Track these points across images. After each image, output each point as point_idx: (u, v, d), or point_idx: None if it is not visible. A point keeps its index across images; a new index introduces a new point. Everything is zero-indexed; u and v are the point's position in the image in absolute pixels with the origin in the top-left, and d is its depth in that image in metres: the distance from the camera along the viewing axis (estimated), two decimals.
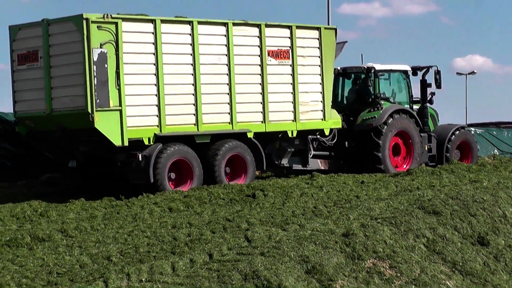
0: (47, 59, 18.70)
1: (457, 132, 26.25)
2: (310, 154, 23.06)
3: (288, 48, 21.72)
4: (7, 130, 21.43)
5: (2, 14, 68.09)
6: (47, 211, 16.52)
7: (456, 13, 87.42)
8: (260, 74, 21.08)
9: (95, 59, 17.86)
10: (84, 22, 17.86)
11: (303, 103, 22.03)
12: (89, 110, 17.80)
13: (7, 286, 10.86)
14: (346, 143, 24.02)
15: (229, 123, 20.41)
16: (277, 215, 15.24)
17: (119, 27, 18.28)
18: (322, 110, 22.53)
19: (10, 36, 19.54)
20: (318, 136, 23.03)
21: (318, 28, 22.57)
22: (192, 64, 19.69)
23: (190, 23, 19.73)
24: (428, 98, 25.82)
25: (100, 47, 17.97)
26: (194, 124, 19.74)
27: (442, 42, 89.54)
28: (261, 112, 21.10)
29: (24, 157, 21.67)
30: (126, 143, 18.37)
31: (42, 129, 19.30)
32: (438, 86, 25.69)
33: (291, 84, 21.78)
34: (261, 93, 21.08)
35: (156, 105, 19.04)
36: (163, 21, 19.24)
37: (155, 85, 19.02)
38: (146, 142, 18.86)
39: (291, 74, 21.78)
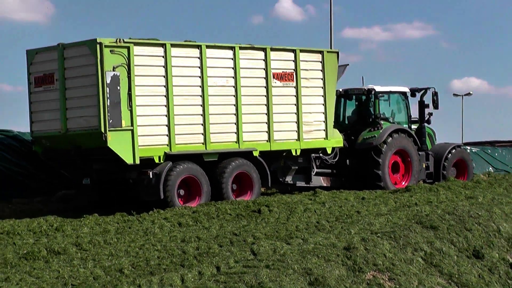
0: (63, 81, 18.78)
1: (454, 150, 26.25)
2: (313, 172, 23.07)
3: (292, 70, 21.78)
4: (24, 150, 21.47)
5: (20, 38, 68.35)
6: (62, 225, 16.53)
7: (454, 38, 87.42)
8: (265, 96, 21.13)
9: (108, 81, 17.93)
10: (98, 46, 17.95)
11: (307, 123, 22.07)
12: (102, 130, 17.89)
13: None
14: (348, 161, 24.02)
15: (236, 142, 20.44)
16: (282, 230, 15.25)
17: (131, 51, 18.36)
18: (324, 130, 22.55)
19: (27, 59, 19.62)
20: (321, 155, 23.04)
21: (321, 52, 22.63)
22: (200, 86, 19.75)
23: (198, 47, 19.80)
24: (426, 118, 25.85)
25: (113, 70, 18.04)
26: (203, 143, 19.77)
27: (440, 65, 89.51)
28: (267, 132, 21.14)
29: (41, 175, 21.71)
30: (137, 162, 18.41)
31: (58, 148, 19.37)
32: (436, 106, 25.71)
33: (295, 105, 21.82)
34: (266, 114, 21.12)
35: (166, 125, 19.09)
36: (173, 45, 19.31)
37: (165, 106, 19.07)
38: (156, 160, 18.89)
39: (295, 96, 21.82)
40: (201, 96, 19.73)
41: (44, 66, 19.26)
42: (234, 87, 20.41)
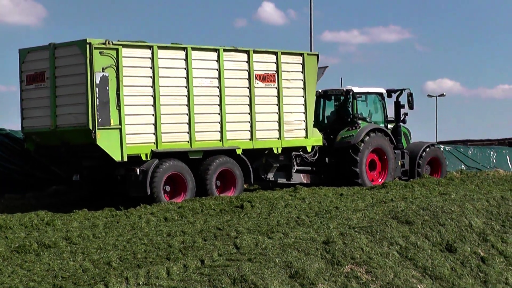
0: (53, 80, 18.68)
1: (428, 149, 26.31)
2: (294, 169, 23.06)
3: (274, 72, 21.76)
4: (17, 147, 21.36)
5: (13, 40, 68.04)
6: (53, 220, 16.46)
7: (428, 41, 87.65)
8: (248, 96, 21.10)
9: (98, 81, 17.86)
10: (87, 46, 17.88)
11: (288, 122, 22.06)
12: (90, 127, 17.81)
13: None
14: (327, 159, 24.02)
15: (220, 140, 20.41)
16: (263, 225, 15.24)
17: (119, 53, 18.30)
18: (305, 129, 22.55)
19: (19, 58, 19.50)
20: (301, 153, 23.03)
21: (301, 54, 22.62)
22: (186, 87, 19.70)
23: (184, 49, 19.75)
24: (402, 118, 25.90)
25: (102, 71, 17.97)
26: (188, 141, 19.73)
27: (414, 67, 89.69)
28: (249, 131, 21.11)
29: (32, 172, 21.60)
30: (125, 159, 18.35)
31: (47, 144, 19.27)
32: (411, 107, 25.76)
33: (277, 105, 21.80)
34: (249, 113, 21.09)
35: (153, 124, 19.03)
36: (160, 47, 19.26)
37: (152, 105, 19.01)
38: (143, 158, 18.84)
39: (276, 96, 21.80)
40: (186, 96, 19.68)
41: (36, 64, 19.15)
42: (218, 87, 20.38)
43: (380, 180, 24.29)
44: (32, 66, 19.28)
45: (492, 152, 35.81)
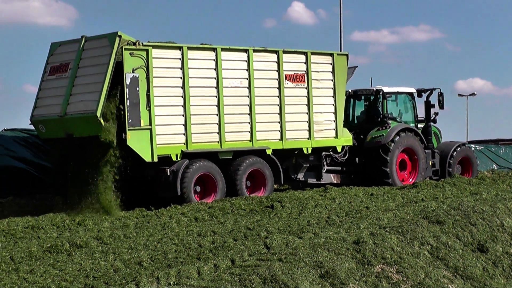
0: (75, 70, 18.59)
1: (459, 148, 26.16)
2: (324, 169, 23.03)
3: (304, 72, 21.74)
4: (47, 148, 21.48)
5: (44, 41, 68.66)
6: (84, 220, 16.56)
7: (459, 40, 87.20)
8: (278, 96, 21.11)
9: (128, 82, 17.94)
10: (117, 38, 17.92)
11: (317, 122, 22.03)
12: (98, 114, 17.46)
13: None
14: (357, 159, 23.98)
15: (250, 140, 20.43)
16: (294, 224, 15.23)
17: (149, 54, 18.37)
18: (334, 129, 22.52)
19: (49, 51, 19.49)
20: (331, 153, 23.01)
21: (331, 54, 22.59)
22: (216, 87, 19.75)
23: (214, 49, 19.79)
24: (432, 118, 25.76)
25: (132, 72, 18.05)
26: (218, 142, 19.77)
27: (445, 66, 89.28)
28: (279, 131, 21.11)
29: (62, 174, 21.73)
30: (155, 159, 18.43)
31: (52, 136, 19.01)
32: (441, 106, 25.64)
33: (306, 105, 21.79)
34: (279, 114, 21.10)
35: (183, 125, 19.09)
36: (189, 48, 19.32)
37: (182, 106, 19.08)
38: (173, 158, 18.90)
39: (306, 96, 21.79)
40: (216, 96, 19.73)
41: (63, 56, 19.16)
42: (248, 88, 20.41)
43: (410, 180, 24.20)
44: (59, 58, 19.25)
45: None
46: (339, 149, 22.87)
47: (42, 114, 19.09)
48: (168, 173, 18.75)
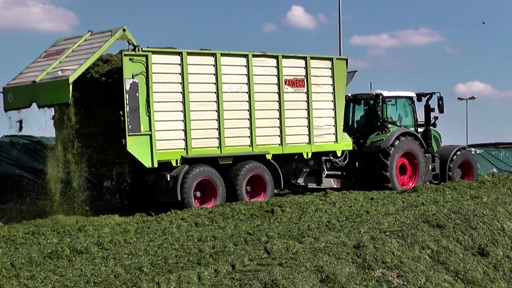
0: (68, 53, 19.04)
1: (459, 152, 26.17)
2: (324, 174, 23.04)
3: (303, 77, 21.76)
4: (49, 154, 21.48)
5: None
6: (84, 226, 16.57)
7: (459, 43, 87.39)
8: (277, 101, 21.12)
9: (128, 88, 17.95)
10: (121, 31, 18.48)
11: (317, 127, 22.04)
12: (70, 81, 17.58)
13: None
14: (357, 163, 23.98)
15: (250, 145, 20.44)
16: (294, 229, 15.23)
17: (149, 59, 18.39)
18: (334, 134, 22.53)
19: (52, 44, 20.10)
20: (331, 157, 23.01)
21: (330, 59, 22.60)
22: (215, 92, 19.76)
23: (213, 55, 19.81)
24: (432, 122, 25.78)
25: (132, 78, 18.07)
26: (218, 147, 19.78)
27: (445, 69, 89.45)
28: (279, 136, 21.12)
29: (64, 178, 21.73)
30: (155, 165, 18.44)
31: (15, 106, 19.05)
32: (441, 110, 25.66)
33: (306, 110, 21.79)
34: (278, 118, 21.10)
35: (183, 130, 19.10)
36: (189, 53, 19.34)
37: (182, 111, 19.09)
38: (173, 164, 18.91)
39: (306, 101, 21.80)
40: (216, 102, 19.74)
41: (62, 46, 19.70)
42: (247, 93, 20.42)
43: (410, 184, 24.20)
44: (57, 47, 19.73)
45: None
46: (339, 154, 22.87)
47: (16, 83, 19.16)
48: (168, 179, 18.77)
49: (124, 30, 18.32)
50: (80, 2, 75.80)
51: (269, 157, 20.73)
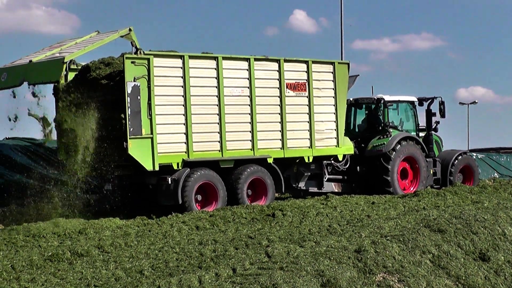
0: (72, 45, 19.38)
1: (460, 157, 26.16)
2: (325, 178, 23.03)
3: (305, 81, 21.76)
4: (51, 157, 21.52)
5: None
6: (85, 229, 16.56)
7: (460, 48, 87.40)
8: (279, 105, 21.12)
9: (129, 91, 17.94)
10: (126, 29, 18.68)
11: (319, 131, 22.04)
12: (65, 59, 17.92)
13: None
14: (358, 167, 23.98)
15: (251, 149, 20.44)
16: (295, 233, 15.22)
17: (151, 62, 18.38)
18: (336, 138, 22.53)
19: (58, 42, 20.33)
20: (332, 161, 23.01)
21: (332, 63, 22.61)
22: (217, 96, 19.76)
23: (215, 58, 19.82)
24: (433, 126, 25.79)
25: (134, 81, 18.06)
26: (219, 151, 19.77)
27: (446, 74, 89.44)
28: (280, 140, 21.12)
29: (65, 181, 21.74)
30: (157, 168, 18.43)
31: (6, 85, 19.11)
32: (442, 115, 25.66)
33: (308, 114, 21.80)
34: (280, 122, 21.11)
35: (184, 133, 19.10)
36: (191, 57, 19.34)
37: (183, 115, 19.09)
38: (175, 167, 18.91)
39: (307, 105, 21.81)
40: (217, 105, 19.74)
41: (67, 42, 19.86)
42: (249, 96, 20.42)
43: (412, 188, 24.19)
44: (63, 42, 19.97)
45: None
46: (340, 158, 22.87)
47: (13, 64, 19.25)
48: (169, 182, 18.77)
49: (130, 30, 18.43)
50: (83, 5, 75.95)
51: (270, 160, 20.73)
